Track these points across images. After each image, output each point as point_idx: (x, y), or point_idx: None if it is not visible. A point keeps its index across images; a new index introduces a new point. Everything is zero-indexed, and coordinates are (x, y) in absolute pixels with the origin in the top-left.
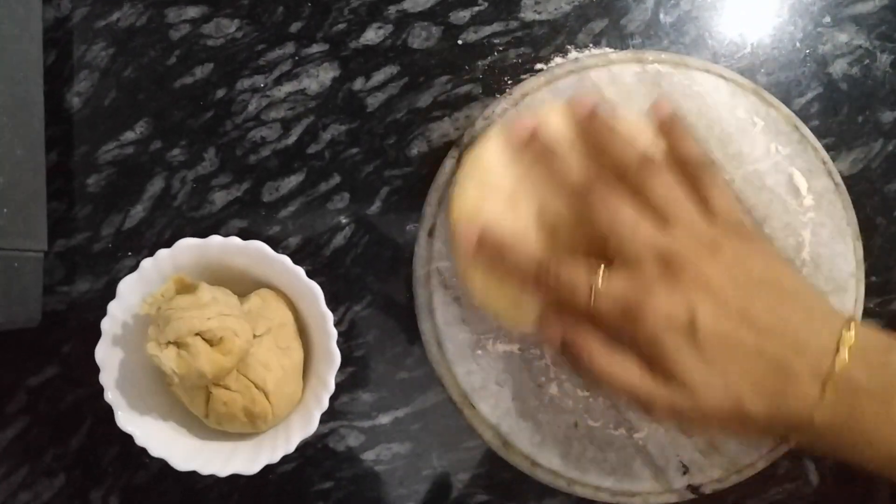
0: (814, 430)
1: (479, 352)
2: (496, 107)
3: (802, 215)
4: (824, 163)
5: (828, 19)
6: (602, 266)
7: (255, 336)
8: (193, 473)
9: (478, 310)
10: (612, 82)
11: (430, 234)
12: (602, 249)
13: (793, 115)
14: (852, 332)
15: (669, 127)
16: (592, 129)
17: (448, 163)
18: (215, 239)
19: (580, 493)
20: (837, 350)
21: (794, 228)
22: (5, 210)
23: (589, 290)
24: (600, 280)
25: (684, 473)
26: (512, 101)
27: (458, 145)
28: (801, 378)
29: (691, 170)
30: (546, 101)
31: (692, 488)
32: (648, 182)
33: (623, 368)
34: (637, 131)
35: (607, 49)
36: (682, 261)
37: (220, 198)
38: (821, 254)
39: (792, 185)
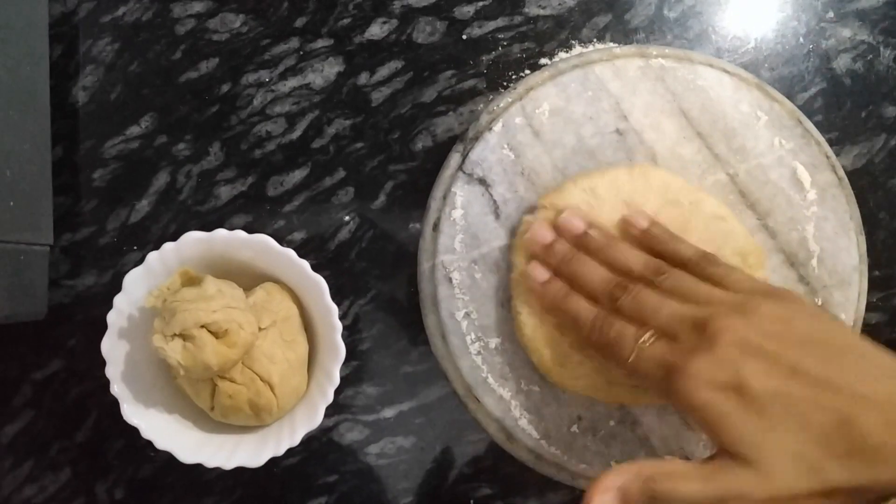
0: None
1: (483, 345)
2: (500, 101)
3: (806, 209)
4: (828, 157)
5: (831, 14)
6: (651, 331)
7: (260, 329)
8: (198, 466)
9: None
10: (616, 77)
11: (435, 227)
12: None
13: (796, 109)
14: None
15: (651, 236)
16: (591, 244)
17: (453, 157)
18: (220, 232)
19: (584, 486)
20: None
21: (798, 223)
22: (11, 204)
23: (633, 345)
24: (646, 337)
25: None
26: (516, 96)
27: (462, 140)
28: (874, 429)
29: (693, 266)
30: (550, 95)
31: None
32: (657, 281)
33: (687, 482)
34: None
35: (611, 44)
36: (717, 325)
37: (225, 192)
38: (824, 248)
39: (795, 180)
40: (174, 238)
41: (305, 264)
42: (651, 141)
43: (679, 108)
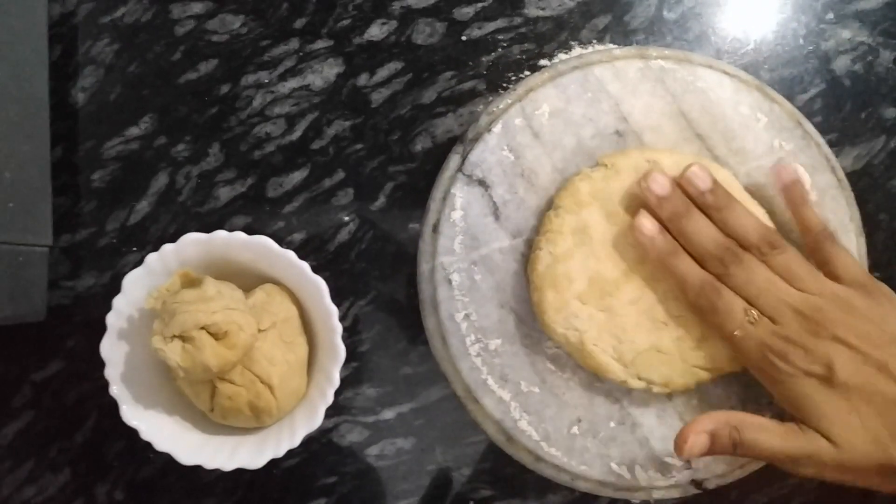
0: None
1: (483, 347)
2: (500, 102)
3: None
4: (828, 159)
5: (831, 16)
6: (758, 310)
7: (259, 330)
8: (198, 468)
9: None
10: (616, 78)
11: (435, 229)
12: None
13: (796, 111)
14: None
15: (792, 193)
16: (712, 202)
17: (452, 158)
18: (220, 234)
19: (583, 487)
20: None
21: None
22: (10, 205)
23: (740, 321)
24: (754, 315)
25: (688, 468)
26: (516, 97)
27: (462, 141)
28: None
29: (812, 237)
30: (549, 97)
31: (696, 483)
32: (769, 254)
33: (770, 428)
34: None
35: (611, 45)
36: (819, 316)
37: (224, 193)
38: None
39: None
40: (174, 239)
41: (305, 266)
42: (651, 142)
43: (679, 110)
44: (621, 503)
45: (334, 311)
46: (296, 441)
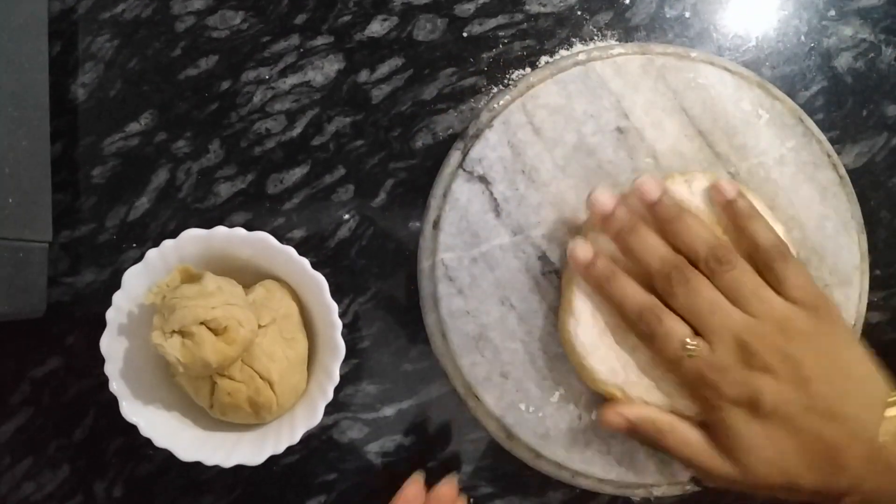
0: (861, 498)
1: (483, 343)
2: (500, 99)
3: (807, 208)
4: (829, 156)
5: (833, 13)
6: (698, 341)
7: (259, 326)
8: (198, 464)
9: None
10: (617, 75)
11: (435, 225)
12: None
13: (798, 107)
14: None
15: (738, 208)
16: (661, 214)
17: (453, 155)
18: (220, 230)
19: (584, 484)
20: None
21: (799, 221)
22: (10, 201)
23: (680, 346)
24: (690, 343)
25: None
26: (517, 94)
27: (463, 137)
28: (855, 459)
29: (763, 254)
30: (550, 93)
31: (696, 480)
32: (718, 271)
33: (690, 442)
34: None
35: (612, 42)
36: (756, 344)
37: (224, 189)
38: (825, 246)
39: (796, 178)
40: (174, 235)
41: (305, 262)
42: (652, 139)
43: (680, 106)
44: (622, 500)
45: (334, 307)
46: (295, 438)
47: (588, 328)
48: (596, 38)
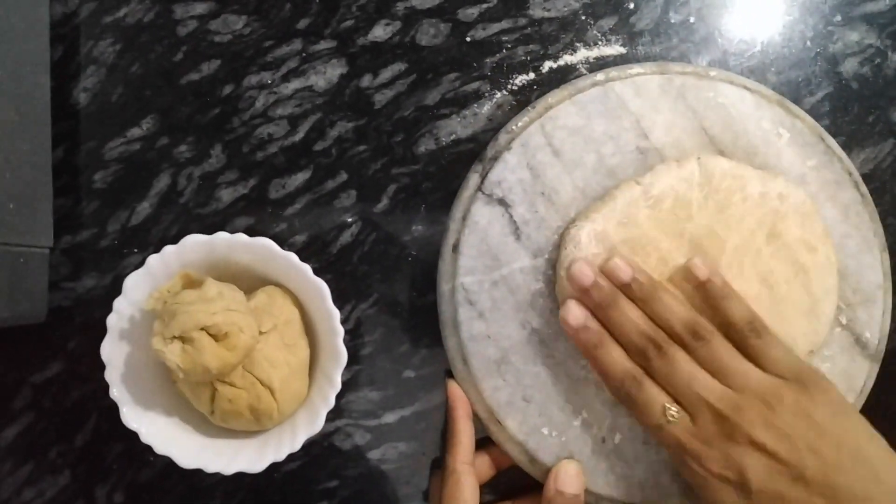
0: None
1: (505, 368)
2: (519, 121)
3: (829, 227)
4: (850, 174)
5: (838, 18)
6: (677, 408)
7: (261, 333)
8: (198, 471)
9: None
10: (637, 95)
11: (455, 249)
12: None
13: (818, 125)
14: None
15: (712, 287)
16: (636, 294)
17: (472, 177)
18: (222, 235)
19: None
20: None
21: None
22: (11, 206)
23: (660, 412)
24: (672, 414)
25: None
26: (535, 115)
27: (481, 160)
28: None
29: (737, 332)
30: (569, 114)
31: None
32: (693, 346)
33: None
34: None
35: (619, 48)
36: (738, 417)
37: (226, 195)
38: (848, 265)
39: (818, 197)
40: (175, 241)
41: (307, 268)
42: (672, 159)
43: (700, 126)
44: None
45: (336, 313)
46: (297, 444)
47: None
48: (600, 42)
